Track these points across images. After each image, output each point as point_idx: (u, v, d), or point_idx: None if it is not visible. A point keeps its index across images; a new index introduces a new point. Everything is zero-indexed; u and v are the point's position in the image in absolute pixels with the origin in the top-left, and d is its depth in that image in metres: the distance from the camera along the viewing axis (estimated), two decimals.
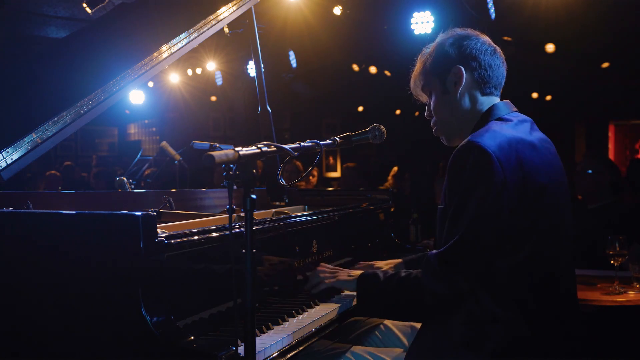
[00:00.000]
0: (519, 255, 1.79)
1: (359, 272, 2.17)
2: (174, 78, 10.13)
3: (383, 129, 2.13)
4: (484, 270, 1.80)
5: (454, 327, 1.84)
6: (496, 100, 2.03)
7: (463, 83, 1.98)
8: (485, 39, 2.04)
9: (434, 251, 1.91)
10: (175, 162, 5.42)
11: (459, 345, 1.83)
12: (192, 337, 1.59)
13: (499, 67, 2.03)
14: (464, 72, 1.98)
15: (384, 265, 2.43)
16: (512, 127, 1.90)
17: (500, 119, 1.94)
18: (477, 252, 1.79)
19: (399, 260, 2.46)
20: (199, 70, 9.81)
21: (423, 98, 2.17)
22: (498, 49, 2.05)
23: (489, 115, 1.97)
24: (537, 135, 1.94)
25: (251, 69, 4.11)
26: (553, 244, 1.87)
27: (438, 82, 2.04)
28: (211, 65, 9.32)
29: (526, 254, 1.79)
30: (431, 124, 2.13)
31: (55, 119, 2.06)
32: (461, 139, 2.07)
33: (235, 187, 1.49)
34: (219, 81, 9.76)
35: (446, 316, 1.87)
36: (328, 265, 2.35)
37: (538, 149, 1.88)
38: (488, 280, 1.81)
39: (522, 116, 1.99)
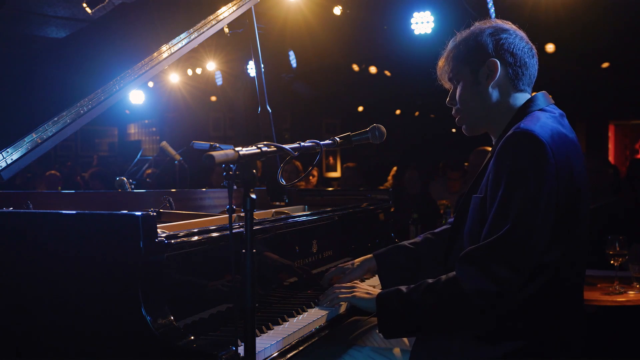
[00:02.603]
0: (553, 253, 1.74)
1: (377, 290, 2.04)
2: (174, 78, 10.14)
3: (383, 129, 2.11)
4: (536, 264, 1.70)
5: None
6: (529, 96, 1.99)
7: (496, 77, 1.93)
8: (523, 35, 1.99)
9: (473, 247, 1.78)
10: (175, 162, 5.43)
11: (469, 342, 1.80)
12: (192, 337, 1.59)
13: (534, 65, 1.99)
14: (499, 66, 1.93)
15: (356, 262, 2.39)
16: (556, 120, 1.86)
17: (543, 110, 1.89)
18: (529, 244, 1.69)
19: (369, 255, 2.41)
20: (199, 70, 9.82)
21: (447, 84, 2.09)
22: (534, 47, 2.00)
23: (531, 105, 1.92)
24: (574, 133, 1.92)
25: (251, 69, 4.11)
26: (579, 246, 1.84)
27: (469, 71, 1.97)
28: (211, 65, 9.33)
29: (559, 254, 1.75)
30: (453, 112, 2.06)
31: (55, 119, 2.06)
32: (485, 130, 2.04)
33: (235, 187, 1.49)
34: (219, 81, 9.77)
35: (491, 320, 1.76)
36: (345, 284, 2.19)
37: (577, 148, 1.86)
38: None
39: (560, 110, 1.95)
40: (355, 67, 10.18)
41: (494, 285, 1.70)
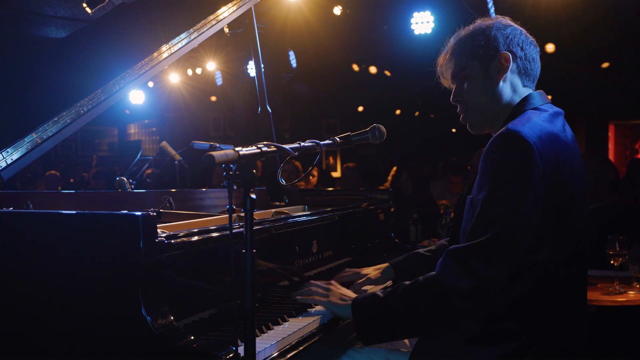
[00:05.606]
0: (541, 253, 1.74)
1: (352, 295, 2.01)
2: (174, 78, 10.14)
3: (383, 129, 2.11)
4: (519, 264, 1.71)
5: None
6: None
7: (508, 71, 1.93)
8: (525, 31, 2.00)
9: (457, 245, 1.78)
10: (175, 162, 5.43)
11: (467, 343, 1.80)
12: (192, 337, 1.59)
13: (538, 62, 1.99)
14: (511, 60, 1.92)
15: (372, 270, 2.41)
16: (548, 120, 1.84)
17: (537, 109, 1.88)
18: (514, 246, 1.69)
19: (386, 264, 2.44)
20: (199, 70, 9.82)
21: (447, 82, 2.06)
22: (537, 44, 2.01)
23: (525, 104, 1.91)
24: (569, 132, 1.90)
25: (251, 69, 4.12)
26: (575, 246, 1.84)
27: (479, 66, 1.95)
28: (211, 65, 9.33)
29: (548, 253, 1.75)
30: (458, 110, 2.03)
31: (55, 119, 2.07)
32: (491, 128, 2.01)
33: (235, 187, 1.49)
34: (219, 81, 9.77)
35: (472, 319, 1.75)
36: (321, 283, 2.14)
37: (572, 150, 1.85)
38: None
39: (556, 108, 1.93)
40: (355, 67, 10.17)
41: (474, 281, 1.70)
